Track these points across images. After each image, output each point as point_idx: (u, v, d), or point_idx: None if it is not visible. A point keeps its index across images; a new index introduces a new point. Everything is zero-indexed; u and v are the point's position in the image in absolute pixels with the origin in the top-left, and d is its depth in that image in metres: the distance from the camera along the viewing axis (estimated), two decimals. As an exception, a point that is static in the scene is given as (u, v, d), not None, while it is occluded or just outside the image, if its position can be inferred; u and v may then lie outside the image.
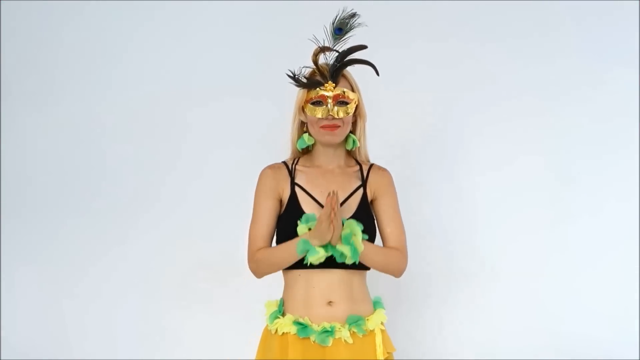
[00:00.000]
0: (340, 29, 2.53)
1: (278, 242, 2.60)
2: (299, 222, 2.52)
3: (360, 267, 2.55)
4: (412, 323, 3.31)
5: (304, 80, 2.57)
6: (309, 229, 2.47)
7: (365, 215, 2.59)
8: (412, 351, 3.17)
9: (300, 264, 2.53)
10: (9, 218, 3.50)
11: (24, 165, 3.51)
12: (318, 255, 2.45)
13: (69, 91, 3.51)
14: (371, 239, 2.57)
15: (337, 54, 2.55)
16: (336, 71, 2.56)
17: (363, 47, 2.55)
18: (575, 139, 3.37)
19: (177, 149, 3.46)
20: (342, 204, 2.57)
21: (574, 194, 3.36)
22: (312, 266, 2.50)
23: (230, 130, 3.44)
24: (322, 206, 2.55)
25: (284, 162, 2.69)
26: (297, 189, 2.61)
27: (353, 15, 2.53)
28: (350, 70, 2.60)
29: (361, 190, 2.63)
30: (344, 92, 2.57)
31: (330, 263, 2.52)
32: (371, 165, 2.69)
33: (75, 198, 3.48)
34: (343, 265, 2.52)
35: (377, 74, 2.59)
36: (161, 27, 3.51)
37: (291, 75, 2.54)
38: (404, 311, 3.27)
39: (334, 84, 2.56)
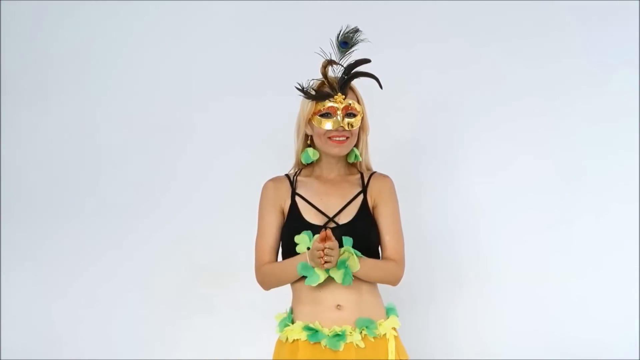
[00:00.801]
0: (346, 43, 2.57)
1: (283, 251, 2.63)
2: (296, 238, 2.54)
3: None
4: (416, 325, 3.30)
5: (313, 93, 2.58)
6: (308, 249, 2.49)
7: (365, 220, 2.60)
8: (416, 353, 3.16)
9: (307, 271, 2.56)
10: (9, 219, 3.48)
11: (27, 168, 3.49)
12: (317, 280, 2.50)
13: (68, 93, 3.48)
14: (372, 245, 2.60)
15: (343, 66, 2.58)
16: (345, 83, 2.58)
17: (367, 60, 2.59)
18: (580, 139, 3.36)
19: (181, 152, 3.45)
20: (342, 210, 2.60)
21: (579, 194, 3.35)
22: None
23: (234, 133, 3.42)
24: (322, 213, 2.59)
25: (287, 175, 2.72)
26: (297, 198, 2.64)
27: (356, 30, 2.57)
28: (355, 80, 2.62)
29: (361, 197, 2.64)
30: (351, 104, 2.60)
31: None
32: (373, 173, 2.71)
33: (74, 203, 3.46)
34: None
35: (381, 87, 2.62)
36: (161, 27, 3.48)
37: (300, 88, 2.56)
38: (408, 313, 3.25)
39: (343, 96, 2.58)
